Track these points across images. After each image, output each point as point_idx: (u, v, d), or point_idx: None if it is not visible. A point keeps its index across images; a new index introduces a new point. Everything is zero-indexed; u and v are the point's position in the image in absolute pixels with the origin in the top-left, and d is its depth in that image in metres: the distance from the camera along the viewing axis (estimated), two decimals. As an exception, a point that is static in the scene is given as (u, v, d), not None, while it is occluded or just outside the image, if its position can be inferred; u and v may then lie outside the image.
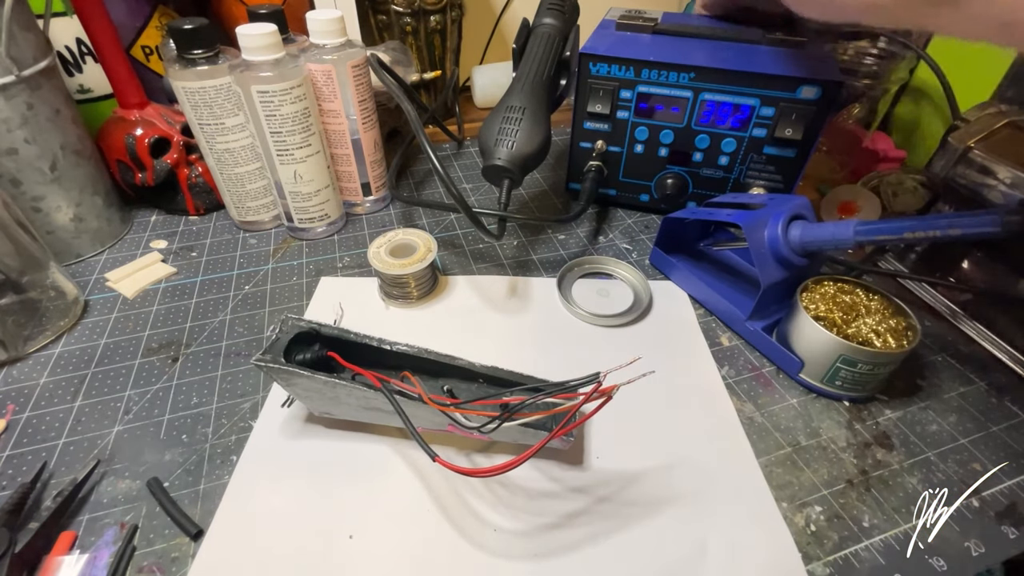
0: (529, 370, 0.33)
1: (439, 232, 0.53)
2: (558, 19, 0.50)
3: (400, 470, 0.33)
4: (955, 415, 0.37)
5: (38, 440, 0.34)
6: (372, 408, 0.32)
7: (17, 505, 0.29)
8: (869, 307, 0.37)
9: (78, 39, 0.49)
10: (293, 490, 0.32)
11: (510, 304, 0.45)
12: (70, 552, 0.28)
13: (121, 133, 0.49)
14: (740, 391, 0.38)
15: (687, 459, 0.34)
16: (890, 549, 0.30)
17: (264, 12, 0.46)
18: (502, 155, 0.42)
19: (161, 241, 0.51)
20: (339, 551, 0.29)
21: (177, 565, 0.28)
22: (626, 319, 0.43)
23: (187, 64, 0.43)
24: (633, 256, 0.51)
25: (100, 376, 0.38)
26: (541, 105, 0.44)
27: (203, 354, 0.40)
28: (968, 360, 0.41)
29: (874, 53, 0.58)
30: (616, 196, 0.56)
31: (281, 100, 0.42)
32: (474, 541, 0.30)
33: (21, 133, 0.41)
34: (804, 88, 0.44)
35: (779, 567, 0.29)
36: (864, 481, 0.33)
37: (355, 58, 0.46)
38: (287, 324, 0.33)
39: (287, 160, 0.46)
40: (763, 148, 0.48)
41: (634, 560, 0.29)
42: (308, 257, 0.49)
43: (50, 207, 0.45)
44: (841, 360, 0.35)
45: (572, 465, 0.33)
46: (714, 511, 0.31)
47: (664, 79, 0.47)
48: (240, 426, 0.35)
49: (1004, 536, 0.30)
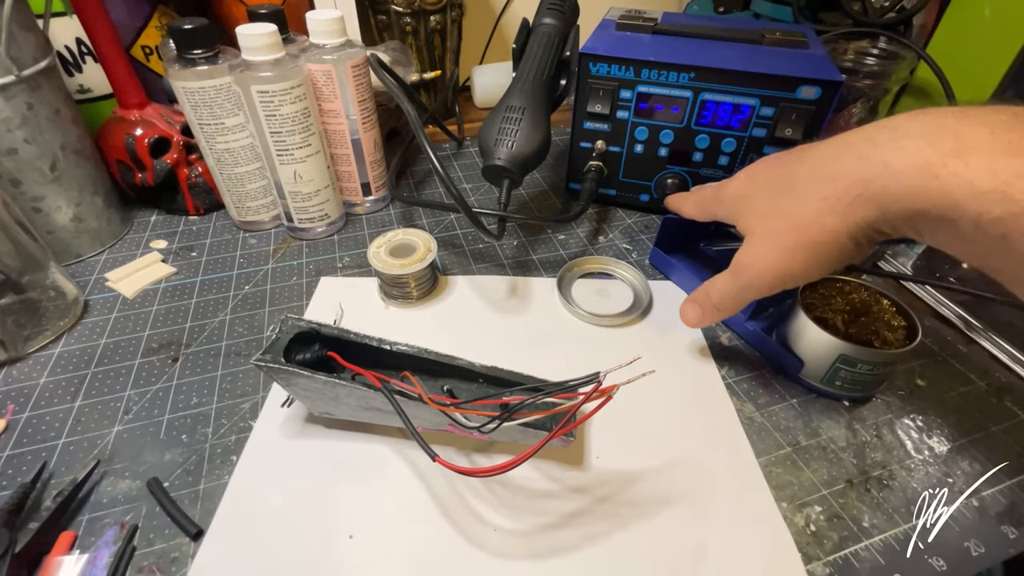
0: (529, 370, 0.33)
1: (439, 232, 0.53)
2: (558, 19, 0.50)
3: (400, 470, 0.33)
4: (955, 415, 0.37)
5: (38, 440, 0.34)
6: (372, 408, 0.32)
7: (17, 505, 0.29)
8: (869, 307, 0.37)
9: (78, 39, 0.49)
10: (293, 490, 0.32)
11: (510, 304, 0.45)
12: (70, 552, 0.28)
13: (121, 133, 0.49)
14: (740, 391, 0.38)
15: (687, 459, 0.34)
16: (890, 549, 0.30)
17: (264, 12, 0.46)
18: (502, 155, 0.42)
19: (161, 241, 0.51)
20: (339, 551, 0.29)
21: (177, 565, 0.28)
22: (626, 319, 0.43)
23: (187, 64, 0.43)
24: (633, 256, 0.51)
25: (100, 376, 0.38)
26: (541, 105, 0.44)
27: (203, 354, 0.40)
28: (968, 360, 0.41)
29: (875, 53, 0.58)
30: (616, 196, 0.56)
31: (281, 100, 0.42)
32: (474, 541, 0.30)
33: (21, 133, 0.41)
34: (804, 88, 0.44)
35: (779, 567, 0.29)
36: (864, 481, 0.33)
37: (355, 58, 0.46)
38: (287, 324, 0.33)
39: (287, 160, 0.46)
40: (763, 148, 0.48)
41: (634, 560, 0.29)
42: (308, 257, 0.49)
43: (50, 207, 0.45)
44: (841, 360, 0.35)
45: (572, 465, 0.33)
46: (714, 511, 0.31)
47: (664, 79, 0.47)
48: (240, 426, 0.35)
49: (1004, 536, 0.30)
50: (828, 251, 0.28)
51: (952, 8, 0.59)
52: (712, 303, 0.35)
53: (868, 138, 0.27)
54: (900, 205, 0.25)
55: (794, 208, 0.29)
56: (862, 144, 0.27)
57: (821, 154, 0.29)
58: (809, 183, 0.29)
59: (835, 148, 0.29)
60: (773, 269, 0.30)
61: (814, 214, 0.28)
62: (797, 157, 0.31)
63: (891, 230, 0.26)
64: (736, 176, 0.35)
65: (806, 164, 0.30)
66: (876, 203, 0.25)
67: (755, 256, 0.31)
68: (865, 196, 0.26)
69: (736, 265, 0.33)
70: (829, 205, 0.27)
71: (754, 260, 0.31)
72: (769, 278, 0.31)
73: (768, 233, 0.31)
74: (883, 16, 0.59)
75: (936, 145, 0.23)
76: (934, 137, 0.24)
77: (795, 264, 0.29)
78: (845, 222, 0.27)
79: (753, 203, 0.33)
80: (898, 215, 0.25)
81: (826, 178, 0.28)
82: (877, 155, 0.25)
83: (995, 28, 0.55)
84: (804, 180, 0.29)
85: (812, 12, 0.66)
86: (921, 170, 0.23)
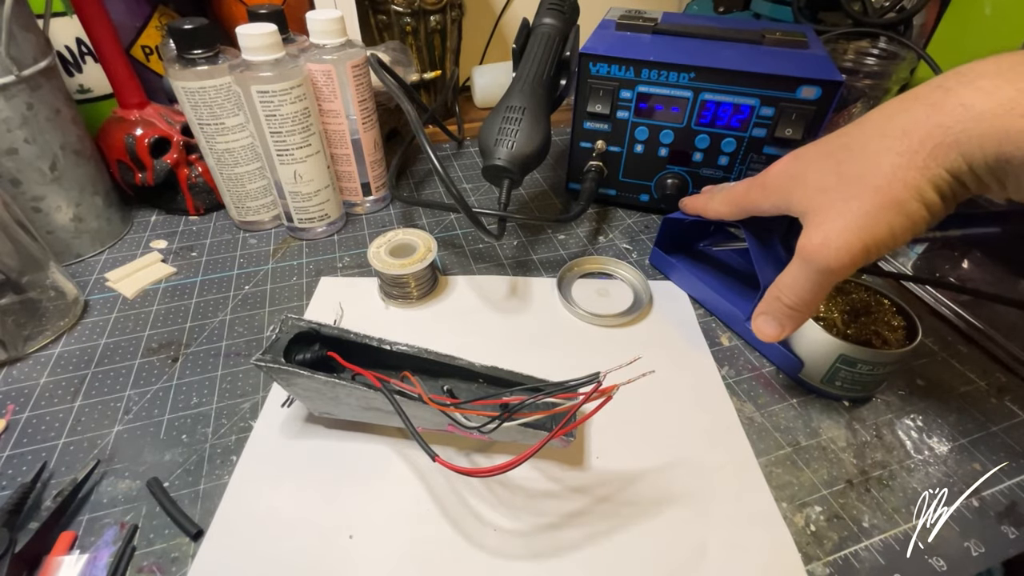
0: (529, 370, 0.33)
1: (439, 232, 0.53)
2: (558, 19, 0.50)
3: (400, 470, 0.33)
4: (955, 415, 0.37)
5: (38, 440, 0.34)
6: (372, 408, 0.32)
7: (17, 505, 0.29)
8: (869, 307, 0.37)
9: (78, 39, 0.49)
10: (293, 490, 0.32)
11: (510, 304, 0.45)
12: (70, 552, 0.28)
13: (121, 133, 0.49)
14: (740, 391, 0.38)
15: (687, 459, 0.34)
16: (890, 549, 0.30)
17: (264, 12, 0.46)
18: (502, 155, 0.42)
19: (161, 241, 0.51)
20: (339, 551, 0.29)
21: (177, 565, 0.28)
22: (626, 319, 0.43)
23: (187, 64, 0.43)
24: (633, 256, 0.51)
25: (100, 376, 0.38)
26: (541, 105, 0.44)
27: (203, 354, 0.40)
28: (968, 360, 0.41)
29: (875, 53, 0.58)
30: (616, 196, 0.56)
31: (281, 100, 0.42)
32: (474, 541, 0.30)
33: (21, 133, 0.41)
34: (804, 88, 0.44)
35: (779, 567, 0.29)
36: (864, 481, 0.33)
37: (355, 58, 0.46)
38: (287, 324, 0.33)
39: (287, 160, 0.46)
40: (763, 148, 0.48)
41: (634, 560, 0.29)
42: (308, 257, 0.49)
43: (50, 207, 0.45)
44: (841, 360, 0.35)
45: (572, 465, 0.33)
46: (714, 511, 0.31)
47: (664, 79, 0.47)
48: (240, 426, 0.35)
49: (1004, 536, 0.30)
50: (913, 209, 0.25)
51: (952, 8, 0.59)
52: (786, 307, 0.31)
53: (937, 85, 0.25)
54: (983, 151, 0.23)
55: (868, 169, 0.27)
56: (932, 92, 0.25)
57: (885, 112, 0.27)
58: (880, 141, 0.26)
59: (899, 104, 0.26)
60: (856, 241, 0.27)
61: (892, 170, 0.25)
62: (853, 126, 0.29)
63: (973, 183, 0.24)
64: (775, 163, 0.33)
65: (869, 125, 0.28)
66: (958, 150, 0.24)
67: (829, 233, 0.28)
68: (945, 144, 0.24)
69: (805, 251, 0.29)
70: (906, 159, 0.25)
71: (829, 238, 0.28)
72: (854, 251, 0.27)
73: (838, 204, 0.27)
74: (883, 16, 0.59)
75: (1016, 83, 0.22)
76: (1012, 75, 0.22)
77: (881, 229, 0.26)
78: (927, 175, 0.25)
79: (809, 179, 0.30)
80: (982, 162, 0.23)
81: (898, 132, 0.26)
82: (953, 99, 0.24)
83: (995, 27, 0.55)
84: (872, 140, 0.27)
85: (812, 12, 0.66)
86: (1005, 109, 0.22)
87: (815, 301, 0.30)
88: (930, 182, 0.25)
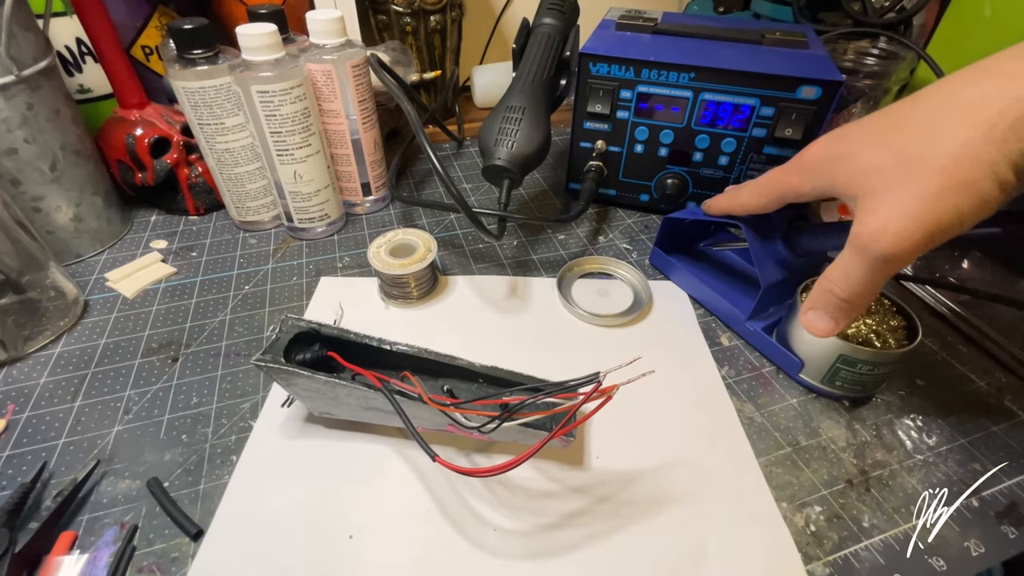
0: (529, 370, 0.33)
1: (439, 232, 0.53)
2: (558, 19, 0.50)
3: (400, 470, 0.33)
4: (955, 415, 0.37)
5: (38, 440, 0.34)
6: (372, 408, 0.32)
7: (17, 505, 0.29)
8: (869, 307, 0.37)
9: (78, 39, 0.49)
10: (293, 490, 0.32)
11: (510, 304, 0.45)
12: (70, 552, 0.28)
13: (121, 133, 0.49)
14: (740, 391, 0.38)
15: (687, 459, 0.34)
16: (890, 549, 0.30)
17: (264, 12, 0.46)
18: (502, 155, 0.42)
19: (161, 241, 0.51)
20: (339, 551, 0.29)
21: (177, 565, 0.28)
22: (626, 319, 0.43)
23: (187, 64, 0.43)
24: (633, 256, 0.51)
25: (100, 376, 0.38)
26: (541, 105, 0.44)
27: (203, 354, 0.40)
28: (968, 360, 0.41)
29: (875, 53, 0.58)
30: (616, 196, 0.56)
31: (281, 100, 0.42)
32: (474, 541, 0.30)
33: (21, 133, 0.41)
34: (804, 88, 0.44)
35: (779, 567, 0.29)
36: (864, 481, 0.33)
37: (355, 58, 0.46)
38: (287, 324, 0.33)
39: (287, 160, 0.46)
40: (763, 148, 0.48)
41: (634, 560, 0.29)
42: (308, 257, 0.49)
43: (50, 207, 0.45)
44: (841, 360, 0.35)
45: (572, 465, 0.33)
46: (714, 511, 0.31)
47: (664, 79, 0.47)
48: (240, 426, 0.35)
49: (1004, 536, 0.30)
50: (986, 188, 0.23)
51: (952, 8, 0.59)
52: (839, 300, 0.29)
53: (1013, 55, 0.23)
54: None
55: (931, 147, 0.24)
56: (1007, 63, 0.23)
57: (944, 88, 0.25)
58: (946, 115, 0.24)
59: (961, 79, 0.25)
60: (918, 226, 0.25)
61: (962, 146, 0.24)
62: (902, 104, 0.27)
63: None
64: (812, 144, 0.31)
65: (924, 103, 0.26)
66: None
67: (886, 218, 0.25)
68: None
69: (860, 238, 0.27)
70: (981, 133, 0.23)
71: (887, 222, 0.25)
72: (916, 238, 0.25)
73: (897, 187, 0.25)
74: (883, 16, 0.59)
75: None
76: None
77: (946, 212, 0.24)
78: (1003, 151, 0.23)
79: (858, 160, 0.27)
80: None
81: (969, 105, 0.24)
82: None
83: (995, 28, 0.55)
84: (936, 115, 0.25)
85: (812, 12, 0.66)
86: None
87: (870, 293, 0.28)
88: (1007, 157, 0.23)
